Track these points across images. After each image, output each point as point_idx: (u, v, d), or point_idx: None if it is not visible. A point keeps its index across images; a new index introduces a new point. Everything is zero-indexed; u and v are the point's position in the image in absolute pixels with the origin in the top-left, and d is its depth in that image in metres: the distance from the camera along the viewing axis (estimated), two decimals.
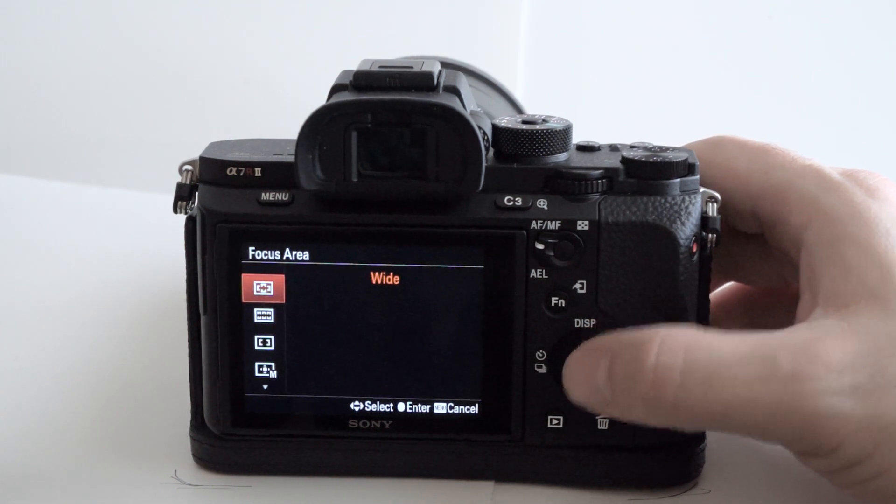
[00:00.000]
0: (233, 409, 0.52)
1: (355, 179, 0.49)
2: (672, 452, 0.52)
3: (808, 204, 0.50)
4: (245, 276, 0.51)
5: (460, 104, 0.49)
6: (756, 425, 0.46)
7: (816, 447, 0.46)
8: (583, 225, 0.50)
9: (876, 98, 0.97)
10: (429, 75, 0.49)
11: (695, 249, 0.51)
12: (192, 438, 0.54)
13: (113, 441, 0.56)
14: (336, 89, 0.50)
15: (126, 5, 0.99)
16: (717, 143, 0.54)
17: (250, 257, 0.51)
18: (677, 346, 0.47)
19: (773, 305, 0.58)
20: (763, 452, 0.56)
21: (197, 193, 0.52)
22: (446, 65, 0.55)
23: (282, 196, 0.50)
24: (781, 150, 0.52)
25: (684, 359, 0.46)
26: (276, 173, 0.51)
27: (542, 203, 0.50)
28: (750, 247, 0.55)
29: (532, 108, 0.62)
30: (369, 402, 0.52)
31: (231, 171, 0.51)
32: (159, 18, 0.99)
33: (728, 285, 0.60)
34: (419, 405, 0.52)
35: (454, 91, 0.50)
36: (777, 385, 0.45)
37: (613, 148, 0.53)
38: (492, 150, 0.51)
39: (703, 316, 0.52)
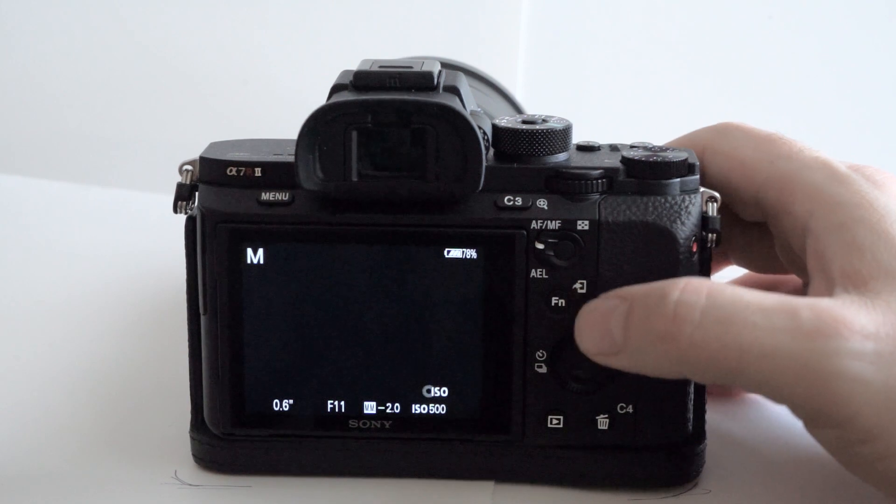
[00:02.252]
0: (233, 409, 0.52)
1: (355, 179, 0.49)
2: (672, 452, 0.52)
3: (814, 193, 0.49)
4: (245, 276, 0.51)
5: (460, 104, 0.49)
6: (769, 378, 0.45)
7: (829, 413, 0.45)
8: (583, 225, 0.50)
9: (876, 99, 0.97)
10: (429, 75, 0.49)
11: (694, 249, 0.51)
12: (192, 438, 0.54)
13: (113, 441, 0.56)
14: (336, 89, 0.50)
15: (126, 5, 0.99)
16: (722, 131, 0.53)
17: (250, 257, 0.51)
18: (701, 288, 0.46)
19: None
20: (763, 452, 0.56)
21: (197, 193, 0.52)
22: (446, 65, 0.55)
23: (282, 196, 0.50)
24: (788, 140, 0.52)
25: (706, 299, 0.46)
26: (276, 173, 0.51)
27: (542, 203, 0.50)
28: (751, 234, 0.55)
29: (532, 108, 0.62)
30: (369, 402, 0.52)
31: (231, 171, 0.51)
32: (159, 18, 0.99)
33: (729, 271, 0.60)
34: (419, 405, 0.52)
35: (454, 91, 0.50)
36: (798, 338, 0.45)
37: (613, 148, 0.53)
38: (492, 150, 0.51)
39: None
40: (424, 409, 0.52)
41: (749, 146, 0.52)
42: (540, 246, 0.50)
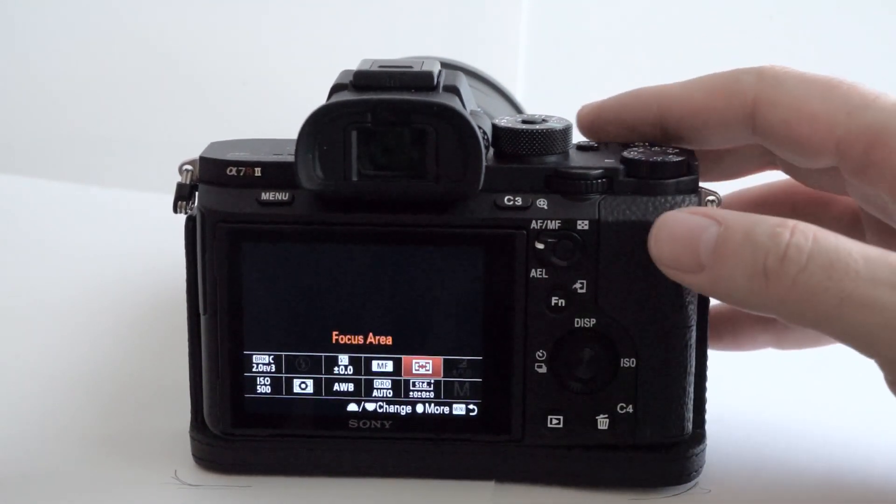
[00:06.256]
0: (233, 409, 0.52)
1: (355, 179, 0.49)
2: (672, 452, 0.52)
3: None
4: (245, 276, 0.51)
5: (460, 104, 0.49)
6: (865, 329, 0.44)
7: None
8: (583, 224, 0.50)
9: None
10: (429, 75, 0.49)
11: None
12: (192, 438, 0.54)
13: (113, 441, 0.56)
14: (336, 89, 0.50)
15: (126, 5, 0.99)
16: (774, 78, 0.51)
17: (250, 257, 0.51)
18: (808, 231, 0.45)
19: (823, 214, 0.56)
20: (763, 452, 0.56)
21: (197, 193, 0.52)
22: (446, 65, 0.55)
23: (282, 196, 0.50)
24: (853, 85, 0.49)
25: (812, 243, 0.45)
26: (276, 173, 0.51)
27: (542, 203, 0.50)
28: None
29: (532, 108, 0.62)
30: (369, 401, 0.52)
31: (231, 170, 0.51)
32: (159, 18, 0.99)
33: (774, 181, 0.58)
34: (419, 405, 0.52)
35: (454, 91, 0.50)
36: None
37: (613, 148, 0.53)
38: (492, 150, 0.51)
39: (702, 315, 0.51)
40: (424, 409, 0.52)
41: (815, 96, 0.49)
42: (540, 246, 0.50)
